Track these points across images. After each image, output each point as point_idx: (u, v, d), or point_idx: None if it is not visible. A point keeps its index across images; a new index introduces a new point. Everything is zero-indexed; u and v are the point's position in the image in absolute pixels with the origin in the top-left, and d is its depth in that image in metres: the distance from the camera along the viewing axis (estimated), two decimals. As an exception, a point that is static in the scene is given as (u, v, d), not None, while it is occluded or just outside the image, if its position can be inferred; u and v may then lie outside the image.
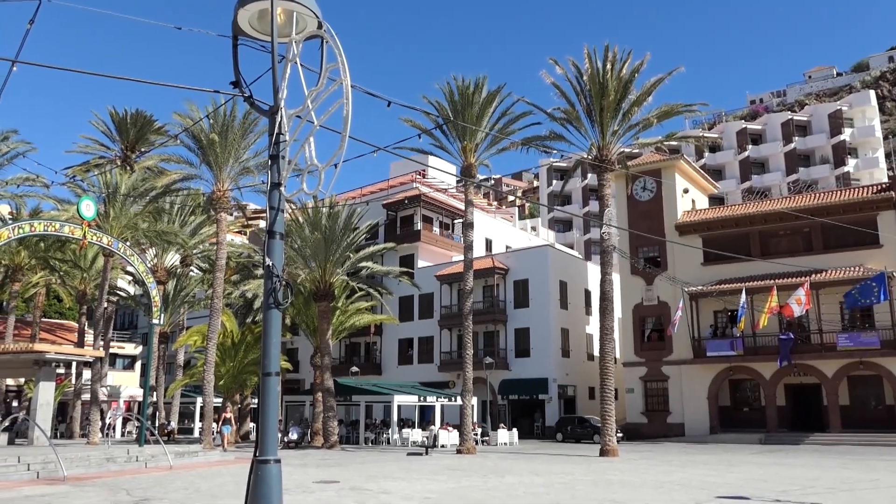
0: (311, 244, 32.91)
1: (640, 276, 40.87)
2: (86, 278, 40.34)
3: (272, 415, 5.02)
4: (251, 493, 4.89)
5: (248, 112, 30.56)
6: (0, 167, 31.82)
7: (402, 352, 49.02)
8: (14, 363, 26.58)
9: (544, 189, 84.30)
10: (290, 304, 5.71)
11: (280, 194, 5.25)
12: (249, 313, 39.90)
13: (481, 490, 14.48)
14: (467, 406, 28.88)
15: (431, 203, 50.36)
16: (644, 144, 31.56)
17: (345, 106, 4.97)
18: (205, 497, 13.18)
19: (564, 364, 43.92)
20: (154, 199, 34.27)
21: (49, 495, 13.52)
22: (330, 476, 17.34)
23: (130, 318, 65.13)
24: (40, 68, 48.00)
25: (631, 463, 22.60)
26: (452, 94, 30.12)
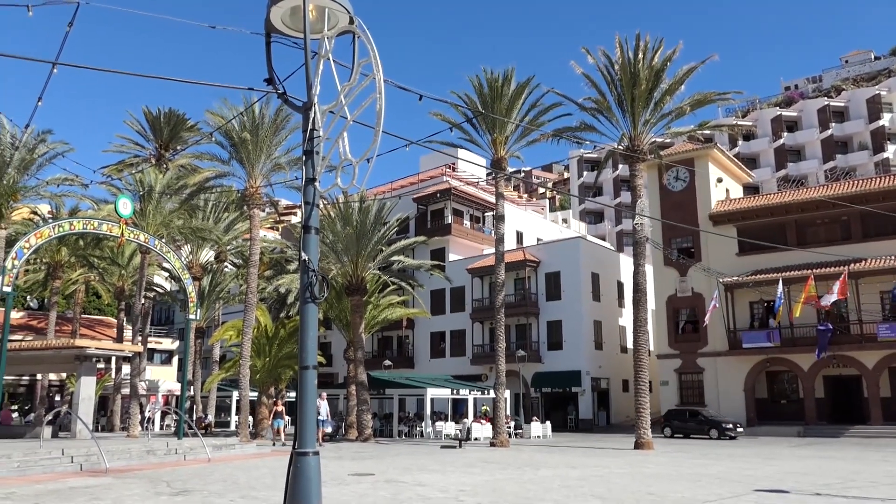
0: (343, 239, 33.13)
1: (673, 267, 40.44)
2: (123, 275, 41.09)
3: (310, 408, 5.07)
4: (291, 485, 4.95)
5: (279, 109, 30.84)
6: (40, 167, 32.39)
7: (434, 345, 49.17)
8: (56, 358, 27.18)
9: (575, 180, 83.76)
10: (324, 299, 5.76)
11: (315, 190, 5.30)
12: (283, 308, 40.30)
13: (516, 483, 14.48)
14: (500, 399, 28.87)
15: (462, 196, 50.35)
16: (676, 134, 31.18)
17: (377, 100, 4.99)
18: (243, 489, 13.37)
19: (597, 356, 43.70)
20: (188, 197, 34.74)
21: (93, 487, 13.83)
22: (365, 468, 17.47)
23: (167, 314, 66.23)
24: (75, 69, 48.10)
25: (667, 456, 22.42)
26: (481, 86, 30.03)
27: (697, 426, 33.88)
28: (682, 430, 34.50)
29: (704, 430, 33.33)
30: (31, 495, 12.55)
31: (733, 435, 32.38)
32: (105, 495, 12.54)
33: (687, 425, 34.41)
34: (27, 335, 44.12)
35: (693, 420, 34.32)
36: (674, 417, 35.55)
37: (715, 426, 33.10)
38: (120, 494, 12.64)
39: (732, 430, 32.58)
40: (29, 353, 26.88)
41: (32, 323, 49.18)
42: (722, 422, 33.29)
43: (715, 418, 33.95)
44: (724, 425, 32.86)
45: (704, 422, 33.67)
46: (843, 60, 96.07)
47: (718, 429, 32.81)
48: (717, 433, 32.68)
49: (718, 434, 32.58)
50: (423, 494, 12.55)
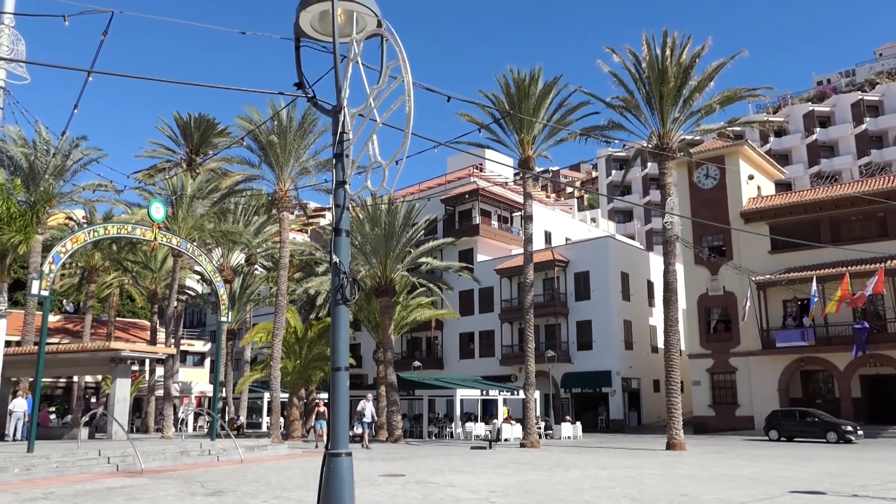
0: (372, 241, 33.29)
1: (704, 265, 39.98)
2: (156, 278, 41.73)
3: (343, 409, 5.11)
4: (324, 486, 4.99)
5: (306, 113, 31.13)
6: (74, 173, 33.05)
7: (463, 346, 49.17)
8: (92, 361, 27.67)
9: (603, 179, 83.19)
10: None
11: (345, 192, 5.34)
12: (313, 310, 40.60)
13: (547, 484, 14.43)
14: (530, 400, 28.79)
15: (489, 197, 50.30)
16: (706, 131, 30.85)
17: (406, 103, 5.02)
18: (275, 489, 13.50)
19: (628, 356, 43.37)
20: (219, 201, 35.21)
21: (129, 487, 14.06)
22: (396, 469, 17.53)
23: (199, 317, 67.08)
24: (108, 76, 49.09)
25: (699, 457, 22.18)
26: (508, 86, 29.98)
27: (811, 428, 30.57)
28: (793, 432, 31.12)
29: (820, 433, 29.99)
30: (69, 495, 12.79)
31: (853, 438, 28.99)
32: (141, 495, 12.75)
33: (799, 428, 31.01)
34: (63, 338, 45.00)
35: (805, 421, 31.00)
36: (782, 419, 31.99)
37: (833, 428, 29.59)
38: (156, 495, 12.84)
39: (853, 432, 29.19)
40: (66, 355, 27.37)
41: (69, 326, 50.13)
42: (840, 424, 29.96)
43: (832, 420, 30.65)
44: (843, 427, 29.45)
45: (819, 424, 30.35)
46: (876, 54, 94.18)
47: (837, 431, 29.41)
48: (835, 436, 29.27)
49: (837, 437, 29.17)
50: (453, 495, 12.56)
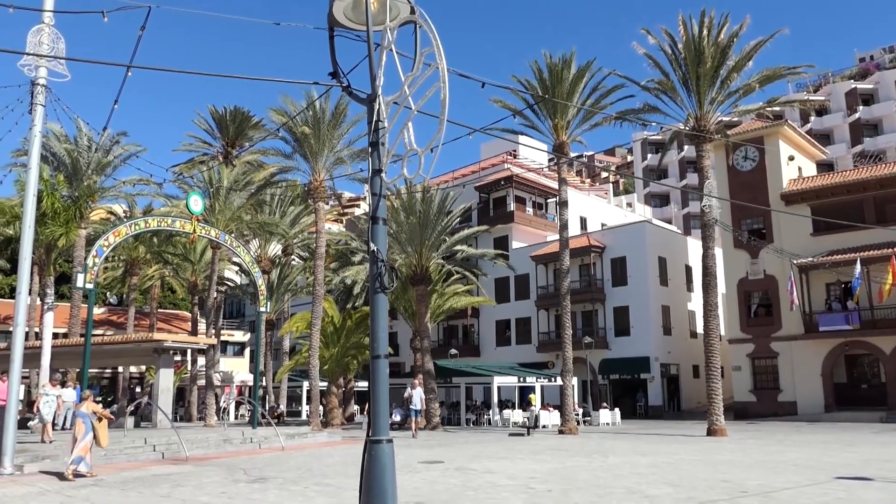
0: (407, 229, 33.38)
1: (743, 249, 39.29)
2: (196, 270, 42.40)
3: (383, 396, 5.15)
4: (366, 472, 5.05)
5: (339, 103, 31.26)
6: (115, 168, 33.70)
7: (499, 333, 49.14)
8: (136, 352, 28.27)
9: (639, 164, 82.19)
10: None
11: (381, 181, 5.36)
12: (349, 299, 40.89)
13: (586, 470, 14.39)
14: (568, 386, 28.69)
15: (523, 183, 50.04)
16: (744, 112, 30.23)
17: (441, 89, 5.01)
18: (316, 476, 13.68)
19: (666, 342, 42.95)
20: (255, 192, 35.60)
21: (175, 474, 14.37)
22: (434, 456, 17.63)
23: (238, 307, 68.02)
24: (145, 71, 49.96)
25: (740, 443, 21.90)
26: (541, 71, 29.74)
27: None
28: None
29: None
30: (117, 482, 13.12)
31: None
32: (186, 482, 13.02)
33: None
34: (108, 330, 46.03)
35: None
36: None
37: None
38: (200, 481, 13.10)
39: None
40: (111, 346, 28.01)
41: (112, 318, 51.27)
42: None
43: None
44: None
45: None
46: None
47: None
48: None
49: None
50: (492, 482, 12.60)
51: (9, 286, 53.95)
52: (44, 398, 18.95)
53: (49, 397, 19.00)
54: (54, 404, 19.14)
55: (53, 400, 19.09)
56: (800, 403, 36.30)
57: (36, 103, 15.39)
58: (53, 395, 19.22)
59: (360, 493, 5.26)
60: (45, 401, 18.87)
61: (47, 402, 18.87)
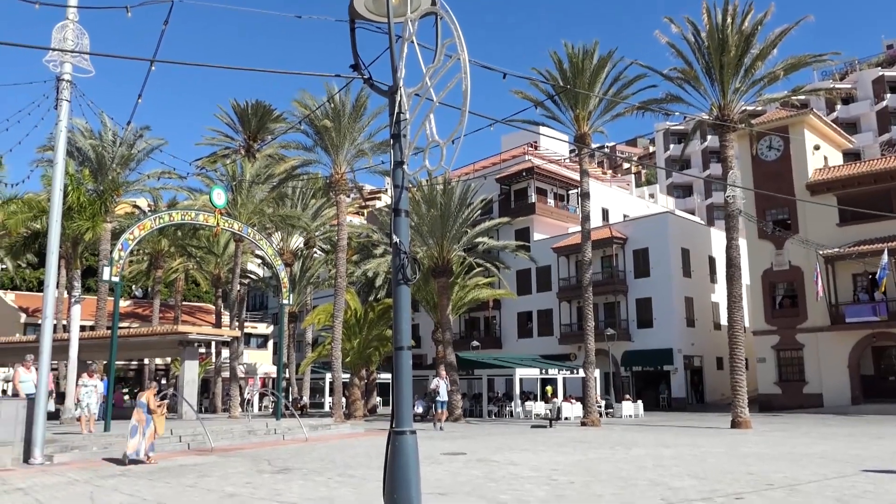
0: (428, 221, 33.39)
1: (768, 240, 38.85)
2: (219, 263, 42.78)
3: (406, 387, 5.17)
4: (389, 463, 5.07)
5: (360, 96, 31.31)
6: (139, 162, 34.05)
7: (521, 325, 49.10)
8: (161, 344, 28.60)
9: (661, 154, 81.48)
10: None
11: (403, 172, 5.36)
12: (371, 291, 41.04)
13: (609, 462, 14.35)
14: (590, 378, 28.61)
15: (545, 175, 49.85)
16: (769, 101, 29.84)
17: (463, 80, 4.99)
18: (339, 467, 13.78)
19: (689, 334, 42.65)
20: (277, 186, 35.80)
21: (201, 464, 14.55)
22: (457, 448, 17.67)
23: (261, 300, 68.58)
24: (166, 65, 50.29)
25: (765, 435, 21.71)
26: (562, 62, 29.57)
27: None
28: None
29: None
30: (144, 472, 13.30)
31: None
32: (212, 472, 13.17)
33: None
34: (133, 322, 46.66)
35: None
36: None
37: None
38: (226, 472, 13.25)
39: None
40: (137, 339, 28.38)
41: (138, 311, 51.95)
42: None
43: None
44: None
45: None
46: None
47: None
48: None
49: None
50: (515, 473, 12.61)
51: (37, 279, 54.86)
52: (83, 389, 18.77)
53: (88, 388, 18.80)
54: (94, 395, 18.90)
55: (92, 391, 18.85)
56: (826, 396, 35.88)
57: (61, 99, 15.58)
58: (92, 385, 18.99)
59: (384, 483, 5.29)
60: (85, 391, 18.70)
61: (87, 393, 18.68)
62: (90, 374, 19.46)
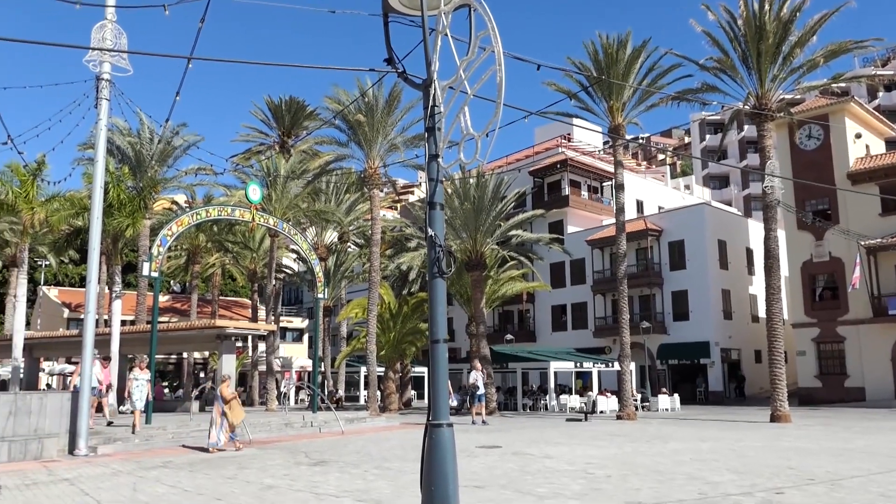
0: (461, 215, 33.39)
1: (808, 230, 38.13)
2: (255, 258, 43.27)
3: (442, 380, 5.18)
4: (427, 456, 5.09)
5: (393, 90, 31.39)
6: (176, 159, 34.55)
7: (555, 318, 48.91)
8: (199, 338, 29.06)
9: (697, 145, 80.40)
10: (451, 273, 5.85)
11: (438, 166, 5.36)
12: (405, 285, 41.18)
13: (646, 456, 14.24)
14: (625, 371, 28.39)
15: (578, 167, 49.51)
16: (808, 89, 29.19)
17: (498, 72, 4.97)
18: (376, 460, 13.87)
19: (727, 326, 42.10)
20: (311, 181, 36.07)
21: (240, 456, 14.77)
22: (492, 441, 17.69)
23: (296, 294, 69.24)
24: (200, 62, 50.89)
25: (805, 429, 21.35)
26: (596, 52, 29.29)
27: None
28: None
29: None
30: (186, 463, 13.55)
31: None
32: (251, 464, 13.37)
33: None
34: (172, 317, 47.41)
35: None
36: None
37: None
38: (264, 464, 13.44)
39: None
40: (176, 333, 28.83)
41: (176, 305, 52.79)
42: None
43: None
44: None
45: None
46: None
47: None
48: None
49: None
50: (550, 467, 12.58)
51: (79, 275, 56.11)
52: (135, 383, 18.16)
53: (139, 381, 18.18)
54: (145, 389, 18.28)
55: (144, 384, 18.26)
56: (868, 389, 35.17)
57: (101, 98, 15.89)
58: (143, 379, 18.34)
59: (421, 476, 5.31)
60: (136, 385, 18.12)
61: (138, 387, 18.09)
62: (141, 367, 18.77)
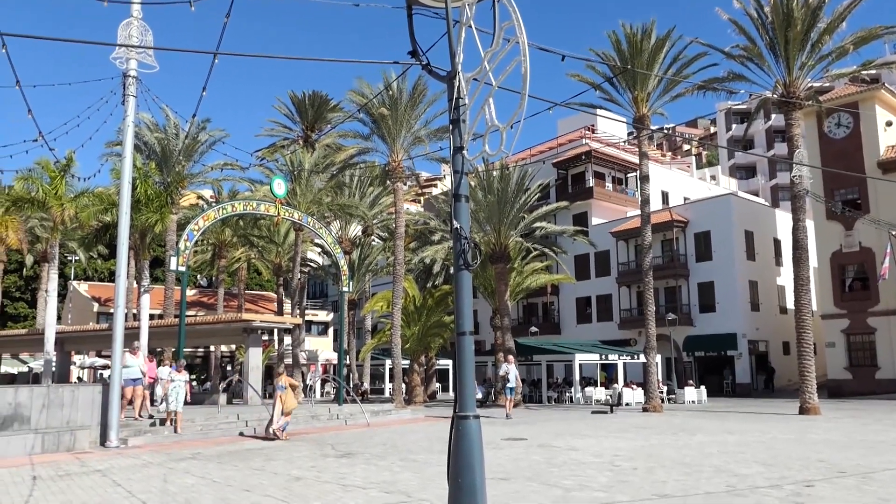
0: (485, 207, 33.35)
1: (837, 220, 37.54)
2: (280, 252, 43.58)
3: (468, 372, 5.19)
4: (453, 448, 5.11)
5: (416, 83, 31.38)
6: (202, 155, 34.90)
7: (580, 311, 48.72)
8: (226, 331, 29.35)
9: (723, 134, 79.44)
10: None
11: (463, 158, 5.36)
12: (429, 278, 41.27)
13: (672, 448, 14.16)
14: (651, 364, 28.21)
15: (602, 158, 49.19)
16: (837, 76, 28.71)
17: (522, 63, 4.95)
18: (402, 452, 13.95)
19: (754, 318, 41.64)
20: (335, 175, 36.23)
21: (267, 448, 14.93)
22: (517, 433, 17.69)
23: (321, 288, 69.64)
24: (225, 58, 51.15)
25: (835, 422, 21.07)
26: (619, 42, 29.03)
27: None
28: None
29: None
30: (214, 455, 13.72)
31: None
32: (278, 456, 13.50)
33: None
34: (199, 311, 47.99)
35: None
36: None
37: None
38: (291, 455, 13.56)
39: None
40: (203, 326, 29.18)
41: (203, 299, 53.42)
42: None
43: None
44: None
45: None
46: None
47: None
48: None
49: None
50: (577, 459, 12.56)
51: (108, 270, 56.94)
52: (171, 385, 17.08)
53: (177, 383, 17.03)
54: (183, 391, 17.09)
55: (182, 385, 17.09)
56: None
57: (128, 94, 16.08)
58: (181, 380, 17.17)
59: (448, 467, 5.33)
60: (173, 387, 16.97)
61: (175, 389, 16.95)
62: (180, 368, 17.84)
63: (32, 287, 52.42)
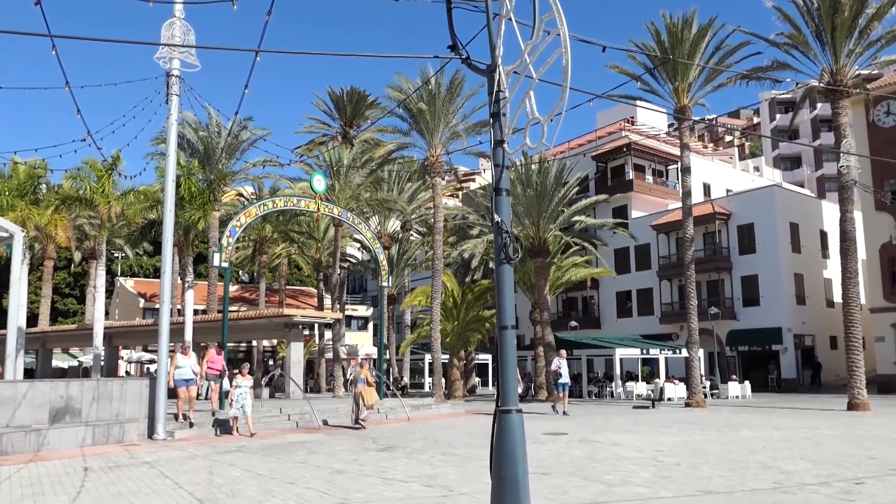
0: (524, 201, 33.22)
1: (886, 211, 36.52)
2: (320, 247, 44.01)
3: (511, 367, 5.18)
4: (496, 442, 5.10)
5: (454, 77, 31.36)
6: (243, 152, 35.37)
7: (620, 305, 48.28)
8: (268, 326, 29.72)
9: (766, 125, 77.86)
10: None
11: (503, 151, 5.34)
12: (468, 273, 41.27)
13: (716, 444, 13.95)
14: (694, 358, 27.84)
15: (642, 151, 48.59)
16: (886, 63, 27.89)
17: (563, 55, 4.90)
18: (442, 446, 13.99)
19: (799, 312, 40.79)
20: (374, 170, 36.42)
21: (309, 442, 15.11)
22: (558, 428, 17.61)
23: (360, 283, 70.15)
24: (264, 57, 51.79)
25: (885, 418, 20.55)
26: (659, 33, 28.62)
27: None
28: None
29: None
30: (258, 448, 13.93)
31: None
32: (320, 449, 13.65)
33: None
34: (241, 306, 48.69)
35: None
36: None
37: None
38: (333, 449, 13.70)
39: None
40: (245, 321, 29.56)
41: (245, 295, 54.17)
42: None
43: None
44: None
45: None
46: None
47: None
48: None
49: None
50: (618, 454, 12.46)
51: (153, 266, 58.13)
52: (237, 391, 16.39)
53: (242, 389, 16.36)
54: (248, 397, 16.41)
55: (246, 392, 16.41)
56: (953, 376, 33.61)
57: (171, 93, 16.36)
58: (246, 386, 16.47)
59: (490, 461, 5.33)
60: (239, 393, 16.33)
61: (241, 395, 16.32)
62: (244, 374, 17.00)
63: (81, 283, 53.76)
